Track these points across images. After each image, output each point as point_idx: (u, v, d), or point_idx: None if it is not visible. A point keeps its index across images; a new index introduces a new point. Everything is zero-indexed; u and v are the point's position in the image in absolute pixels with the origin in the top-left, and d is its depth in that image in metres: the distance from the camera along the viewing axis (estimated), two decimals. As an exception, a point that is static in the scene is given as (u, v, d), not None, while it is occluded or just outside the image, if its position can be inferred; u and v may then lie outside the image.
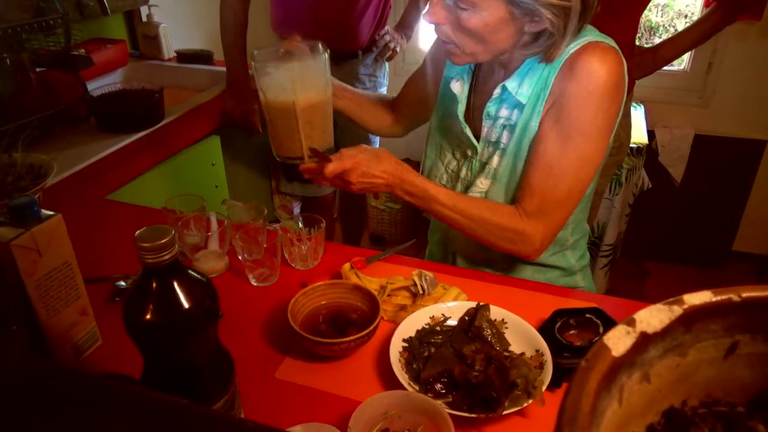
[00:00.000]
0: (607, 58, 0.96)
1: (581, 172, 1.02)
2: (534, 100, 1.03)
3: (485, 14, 0.93)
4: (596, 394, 0.25)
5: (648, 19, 2.72)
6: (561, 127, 0.99)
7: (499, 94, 1.06)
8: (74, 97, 1.59)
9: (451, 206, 1.04)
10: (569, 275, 1.21)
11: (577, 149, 1.00)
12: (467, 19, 0.94)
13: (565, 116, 0.99)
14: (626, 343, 0.28)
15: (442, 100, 1.21)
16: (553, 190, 1.02)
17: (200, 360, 0.66)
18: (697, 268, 2.76)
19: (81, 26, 1.76)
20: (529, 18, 0.93)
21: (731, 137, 2.50)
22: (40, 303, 0.82)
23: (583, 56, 0.97)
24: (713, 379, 0.32)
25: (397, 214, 2.88)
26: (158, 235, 0.59)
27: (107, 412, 0.47)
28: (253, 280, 1.11)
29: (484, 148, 1.11)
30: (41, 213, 0.82)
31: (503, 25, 0.94)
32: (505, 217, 1.04)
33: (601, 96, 0.97)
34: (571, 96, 0.98)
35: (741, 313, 0.31)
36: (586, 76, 0.96)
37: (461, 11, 0.94)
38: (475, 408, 0.80)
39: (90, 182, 1.44)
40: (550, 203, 1.02)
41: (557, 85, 1.00)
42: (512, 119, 1.06)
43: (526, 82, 1.03)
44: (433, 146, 1.22)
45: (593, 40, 0.99)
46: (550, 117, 1.01)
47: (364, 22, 1.87)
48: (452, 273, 1.14)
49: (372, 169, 1.04)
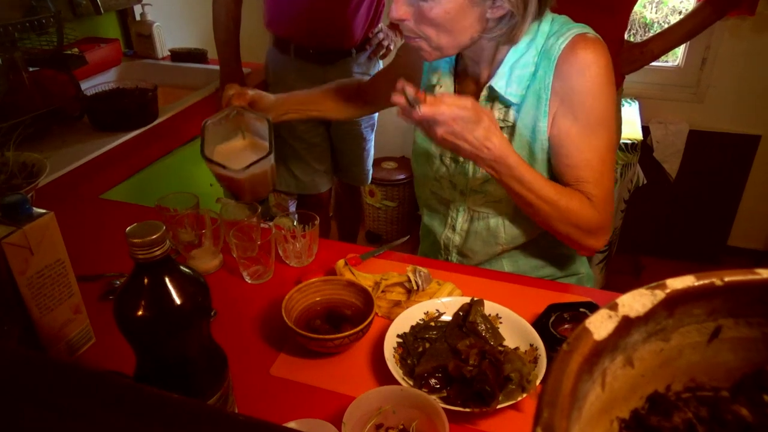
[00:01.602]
0: (598, 48, 0.99)
1: (611, 155, 1.05)
2: (534, 100, 1.03)
3: (444, 2, 0.94)
4: (577, 376, 0.25)
5: (642, 16, 2.73)
6: (581, 123, 1.01)
7: (486, 95, 1.06)
8: (67, 96, 1.59)
9: (537, 193, 0.99)
10: (571, 263, 1.22)
11: (602, 138, 1.03)
12: (429, 11, 0.95)
13: (581, 112, 1.00)
14: (608, 327, 0.28)
15: None
16: (602, 179, 1.04)
17: (193, 356, 0.66)
18: (692, 263, 2.77)
19: (74, 25, 1.76)
20: (490, 2, 0.95)
21: (726, 132, 2.51)
22: (33, 301, 0.82)
23: (578, 51, 0.98)
24: (697, 363, 0.32)
25: (393, 211, 2.88)
26: (149, 231, 0.59)
27: (100, 405, 0.47)
28: (248, 277, 1.11)
29: None
30: (33, 211, 0.82)
31: (464, 12, 0.95)
32: (589, 210, 1.03)
33: (605, 84, 1.00)
34: (580, 92, 0.99)
35: (724, 298, 0.31)
36: (588, 69, 0.98)
37: (422, 3, 0.95)
38: (470, 402, 0.80)
39: (84, 181, 1.44)
40: (606, 191, 1.04)
41: (559, 84, 1.00)
42: (509, 120, 1.06)
43: (513, 80, 1.03)
44: (420, 155, 1.22)
45: (578, 32, 1.00)
46: (564, 117, 1.02)
47: (357, 20, 1.87)
48: (446, 269, 1.14)
49: (466, 132, 0.93)
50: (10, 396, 0.48)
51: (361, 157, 2.16)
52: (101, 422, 0.46)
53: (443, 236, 1.23)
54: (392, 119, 2.84)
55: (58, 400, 0.47)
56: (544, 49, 1.02)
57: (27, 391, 0.48)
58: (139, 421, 0.46)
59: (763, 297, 0.31)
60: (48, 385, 0.49)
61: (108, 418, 0.46)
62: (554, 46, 1.00)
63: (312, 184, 2.11)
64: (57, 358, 0.88)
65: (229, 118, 1.19)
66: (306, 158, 2.05)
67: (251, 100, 1.21)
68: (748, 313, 0.31)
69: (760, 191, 2.60)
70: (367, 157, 2.18)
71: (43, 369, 0.51)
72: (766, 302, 0.31)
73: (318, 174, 2.11)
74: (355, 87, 1.37)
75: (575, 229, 1.03)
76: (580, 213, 1.02)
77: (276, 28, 1.90)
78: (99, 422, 0.46)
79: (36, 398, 0.47)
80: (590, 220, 1.03)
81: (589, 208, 1.02)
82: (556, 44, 1.00)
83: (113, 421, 0.46)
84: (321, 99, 1.35)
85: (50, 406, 0.46)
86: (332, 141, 2.13)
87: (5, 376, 0.50)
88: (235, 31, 1.76)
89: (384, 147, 2.83)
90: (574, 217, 1.02)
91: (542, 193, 0.99)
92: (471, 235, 1.18)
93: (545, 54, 1.01)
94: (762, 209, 2.65)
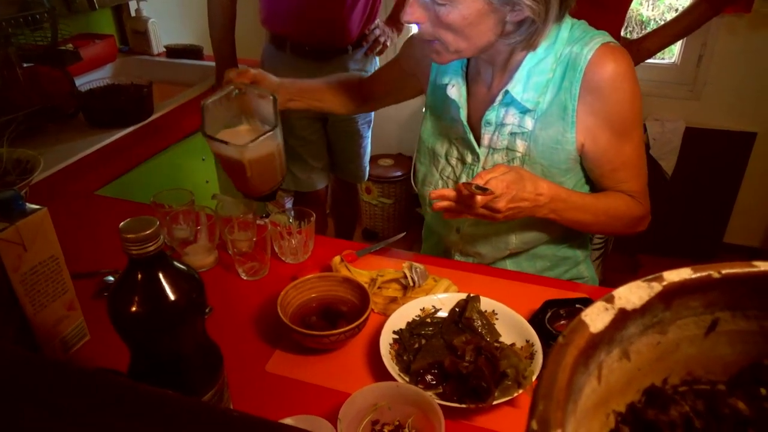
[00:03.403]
0: (625, 57, 1.00)
1: (643, 148, 1.09)
2: (559, 111, 1.02)
3: (462, 7, 0.91)
4: (573, 369, 0.25)
5: (639, 13, 2.73)
6: (618, 132, 1.03)
7: (501, 100, 1.04)
8: (62, 93, 1.58)
9: (594, 212, 1.05)
10: (575, 266, 1.22)
11: (637, 137, 1.06)
12: (446, 15, 0.92)
13: (619, 123, 1.02)
14: (604, 320, 0.28)
15: (434, 105, 1.18)
16: (640, 173, 1.08)
17: (187, 353, 0.66)
18: (689, 260, 2.77)
19: (68, 21, 1.75)
20: (509, 7, 0.92)
21: (722, 129, 2.51)
22: (26, 298, 0.82)
23: (608, 64, 0.98)
24: (694, 356, 0.32)
25: (390, 208, 2.88)
26: (143, 226, 0.58)
27: (95, 404, 0.47)
28: (243, 274, 1.10)
29: (488, 154, 1.09)
30: (26, 207, 0.81)
31: (483, 17, 0.93)
32: (635, 207, 1.09)
33: (636, 90, 1.02)
34: (617, 106, 1.01)
35: (721, 290, 0.31)
36: (622, 82, 0.99)
37: (439, 7, 0.92)
38: (466, 399, 0.80)
39: (78, 178, 1.43)
40: (644, 183, 1.10)
41: (591, 98, 1.00)
42: (525, 126, 1.04)
43: (531, 86, 1.01)
44: (425, 153, 1.20)
45: (602, 41, 0.99)
46: (602, 131, 1.02)
47: (353, 17, 1.86)
48: (443, 265, 1.14)
49: (521, 192, 0.95)
50: (7, 396, 0.47)
51: (357, 154, 2.16)
52: (96, 421, 0.45)
53: (447, 239, 1.22)
54: (389, 116, 2.85)
55: (54, 400, 0.47)
56: (568, 58, 1.00)
57: (24, 391, 0.48)
58: (134, 420, 0.46)
59: (761, 289, 0.30)
60: (44, 385, 0.48)
61: (103, 417, 0.46)
62: (579, 56, 0.99)
63: (309, 181, 2.11)
64: (52, 356, 0.88)
65: (230, 97, 1.10)
66: (303, 155, 2.04)
67: (254, 79, 1.14)
68: (746, 306, 0.31)
69: (756, 188, 2.60)
70: (363, 154, 2.18)
71: (38, 369, 0.51)
72: (763, 295, 0.31)
73: (315, 171, 2.10)
74: (356, 83, 1.35)
75: (626, 227, 1.10)
76: (628, 212, 1.08)
77: (272, 25, 1.90)
78: (94, 421, 0.45)
79: (33, 398, 0.47)
80: (637, 215, 1.09)
81: (634, 205, 1.08)
82: (581, 54, 0.98)
83: (108, 420, 0.45)
84: (323, 91, 1.32)
85: (47, 406, 0.46)
86: (329, 138, 2.12)
87: (2, 376, 0.50)
88: (230, 27, 1.75)
89: (380, 144, 2.82)
90: (625, 218, 1.08)
91: (595, 209, 1.05)
92: (479, 238, 1.16)
93: (570, 64, 1.00)
94: (758, 206, 2.65)
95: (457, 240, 1.19)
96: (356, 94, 1.35)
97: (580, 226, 1.07)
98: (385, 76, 1.32)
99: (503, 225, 1.11)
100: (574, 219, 1.04)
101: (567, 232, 1.14)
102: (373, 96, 1.35)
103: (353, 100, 1.35)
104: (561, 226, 1.07)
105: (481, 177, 0.93)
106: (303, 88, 1.28)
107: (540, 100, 1.02)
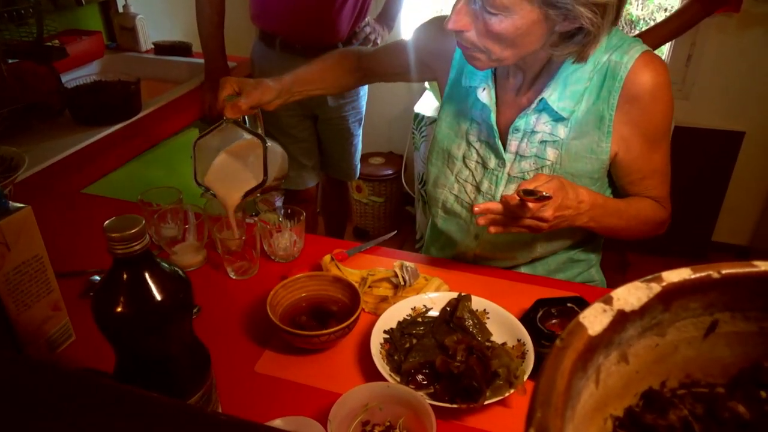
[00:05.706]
0: (663, 66, 0.99)
1: (669, 156, 1.09)
2: (596, 120, 1.00)
3: (517, 18, 0.88)
4: (571, 374, 0.24)
5: (629, 12, 2.73)
6: (651, 141, 1.03)
7: (535, 107, 1.01)
8: (48, 89, 1.55)
9: (626, 218, 1.05)
10: (587, 269, 1.21)
11: (665, 147, 1.07)
12: (496, 24, 0.89)
13: (652, 131, 1.02)
14: (603, 322, 0.27)
15: (452, 104, 1.14)
16: (665, 179, 1.10)
17: (174, 353, 0.65)
18: (678, 259, 2.79)
19: (55, 17, 1.72)
20: (563, 17, 0.88)
21: (711, 129, 2.52)
22: (9, 298, 0.80)
23: (649, 74, 0.97)
24: (693, 359, 0.32)
25: (381, 207, 2.87)
26: (128, 225, 0.57)
27: (79, 406, 0.46)
28: (232, 273, 1.09)
29: (515, 161, 1.07)
30: (9, 205, 0.80)
31: (535, 28, 0.89)
32: (660, 212, 1.10)
33: (672, 101, 1.02)
34: (655, 113, 1.00)
35: (721, 291, 0.30)
36: (661, 93, 0.99)
37: (490, 16, 0.88)
38: (457, 398, 0.80)
39: (64, 176, 1.41)
40: (668, 188, 1.11)
41: (629, 107, 0.99)
42: (558, 135, 1.02)
43: (567, 94, 0.99)
44: (439, 154, 1.16)
45: (641, 49, 0.98)
46: (637, 140, 1.02)
47: (343, 14, 1.85)
48: (434, 264, 1.13)
49: (565, 200, 0.91)
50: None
51: (348, 152, 2.15)
52: (81, 424, 0.44)
53: (463, 244, 1.18)
54: (380, 114, 2.84)
55: (36, 402, 0.45)
56: (607, 67, 0.98)
57: (5, 392, 0.47)
58: (119, 422, 0.45)
59: (761, 290, 0.30)
60: (27, 386, 0.47)
61: (87, 419, 0.45)
62: (619, 64, 0.97)
63: (299, 179, 2.09)
64: (37, 357, 0.86)
65: (221, 130, 1.09)
66: (293, 153, 2.02)
67: (252, 105, 1.09)
68: (745, 307, 0.30)
69: (744, 187, 2.62)
70: (354, 152, 2.17)
71: (21, 370, 0.50)
72: (763, 295, 0.30)
73: (305, 169, 2.09)
74: (356, 58, 1.30)
75: (651, 231, 1.11)
76: (653, 216, 1.08)
77: (262, 22, 1.88)
78: (77, 424, 0.44)
79: (14, 400, 0.46)
80: (661, 219, 1.10)
81: (659, 209, 1.09)
82: (621, 63, 0.97)
83: (91, 422, 0.44)
84: (322, 75, 1.28)
85: (28, 408, 0.45)
86: (319, 136, 2.10)
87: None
88: (219, 24, 1.73)
89: (371, 142, 2.81)
90: (651, 222, 1.09)
91: (627, 214, 1.04)
92: (500, 245, 1.14)
93: (609, 72, 0.98)
94: (746, 205, 2.67)
95: (474, 246, 1.17)
96: (356, 70, 1.30)
97: (613, 232, 1.06)
98: (390, 58, 1.26)
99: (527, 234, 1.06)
100: (610, 225, 1.03)
101: (584, 236, 1.14)
102: (374, 72, 1.30)
103: (353, 77, 1.31)
104: (583, 231, 1.06)
105: (526, 186, 0.88)
106: (303, 80, 1.23)
107: (576, 108, 1.00)
